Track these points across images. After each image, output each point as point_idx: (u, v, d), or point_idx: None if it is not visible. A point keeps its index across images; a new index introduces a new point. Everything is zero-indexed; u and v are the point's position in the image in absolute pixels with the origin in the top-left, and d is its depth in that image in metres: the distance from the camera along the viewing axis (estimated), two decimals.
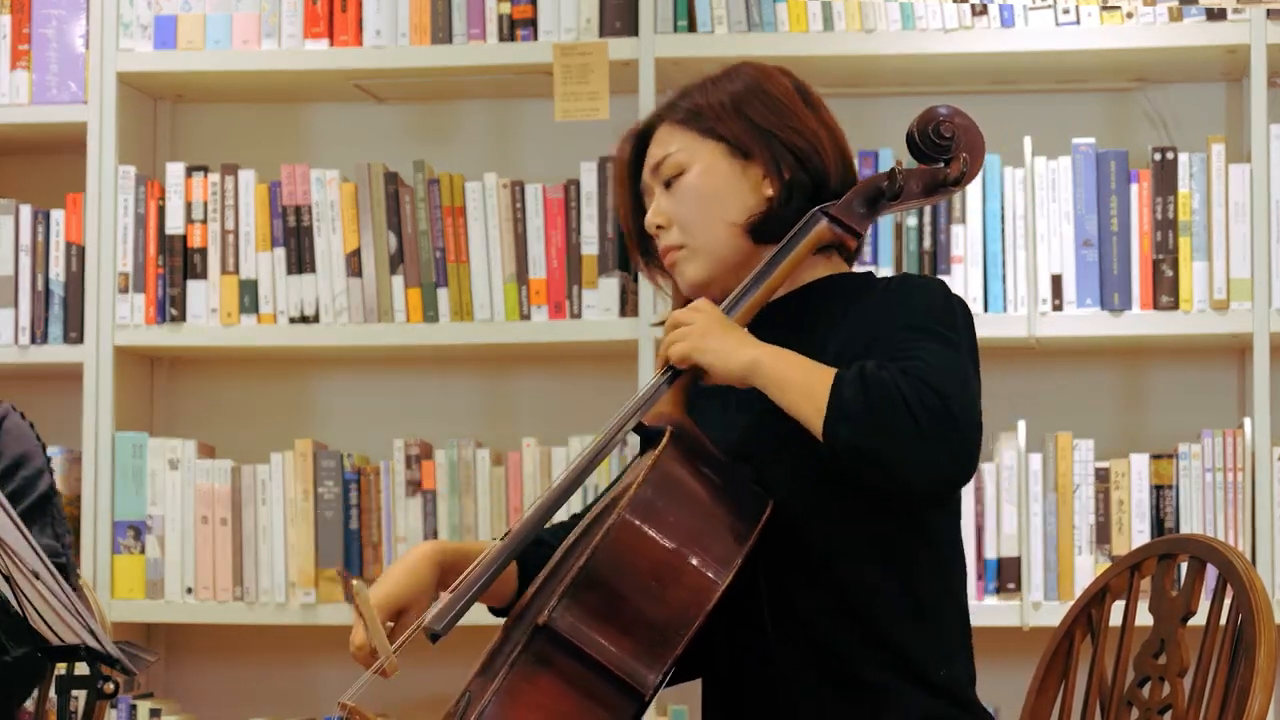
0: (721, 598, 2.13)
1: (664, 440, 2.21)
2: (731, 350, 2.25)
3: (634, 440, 2.34)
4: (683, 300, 2.44)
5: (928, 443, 2.13)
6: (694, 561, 2.13)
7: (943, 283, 2.35)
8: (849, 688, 2.25)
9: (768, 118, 2.38)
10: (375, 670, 2.28)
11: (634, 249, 2.50)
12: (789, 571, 2.26)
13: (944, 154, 2.37)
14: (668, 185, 2.41)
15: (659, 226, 2.41)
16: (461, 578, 2.23)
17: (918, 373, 2.15)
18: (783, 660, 2.26)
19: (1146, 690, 2.40)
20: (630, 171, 2.47)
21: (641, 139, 2.46)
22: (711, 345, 2.26)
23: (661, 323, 2.51)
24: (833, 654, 2.26)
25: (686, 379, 2.30)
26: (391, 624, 2.35)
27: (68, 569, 2.96)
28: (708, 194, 2.38)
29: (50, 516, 2.99)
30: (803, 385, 2.19)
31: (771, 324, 2.36)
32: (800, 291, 2.41)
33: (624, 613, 2.11)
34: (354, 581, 2.32)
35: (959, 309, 2.31)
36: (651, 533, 2.13)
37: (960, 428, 2.15)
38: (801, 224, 2.36)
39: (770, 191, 2.37)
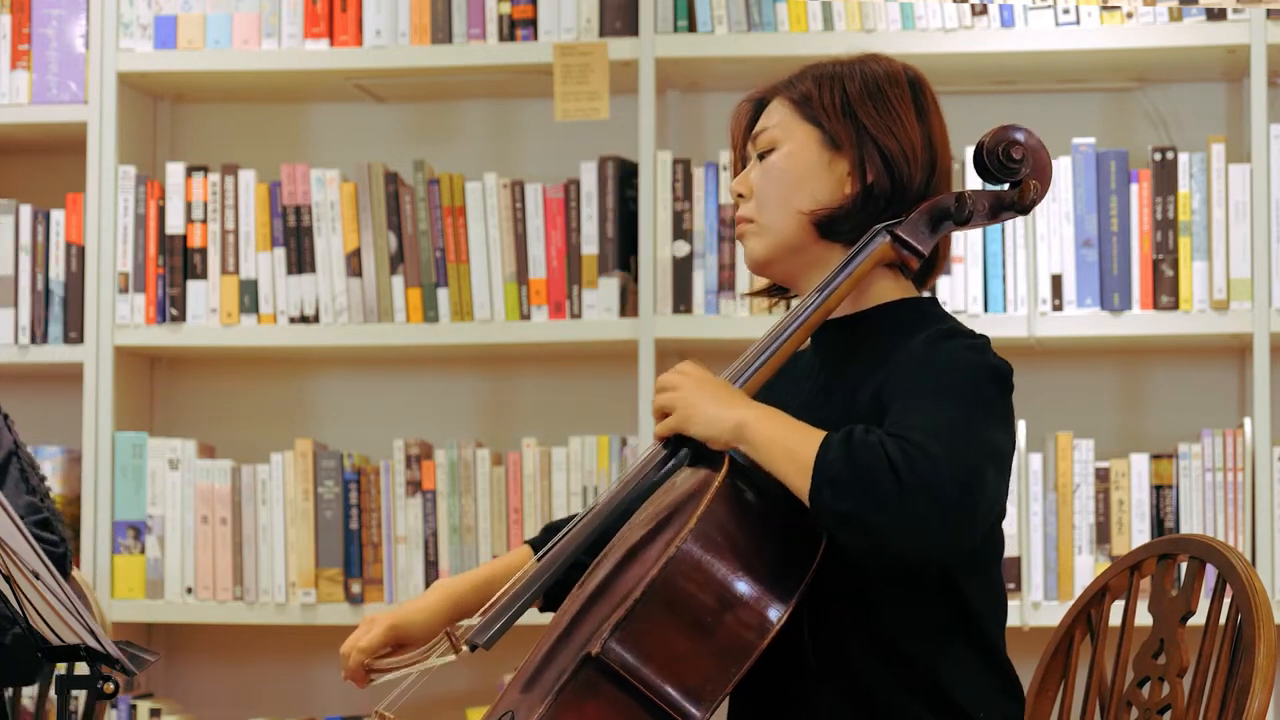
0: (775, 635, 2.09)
1: (723, 469, 2.15)
2: (718, 415, 2.19)
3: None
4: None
5: (910, 503, 2.04)
6: (752, 598, 2.08)
7: (981, 349, 2.26)
8: None
9: (866, 109, 2.35)
10: (405, 688, 2.30)
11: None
12: (833, 607, 2.21)
13: (1011, 176, 2.32)
14: (761, 158, 2.40)
15: (739, 195, 2.41)
16: (500, 594, 2.21)
17: (907, 433, 2.08)
18: (821, 695, 2.23)
19: (1146, 690, 2.40)
20: (743, 137, 2.46)
21: (759, 106, 2.45)
22: (698, 415, 2.21)
23: (754, 293, 2.50)
24: (872, 693, 2.22)
25: (687, 455, 2.23)
26: (389, 649, 2.44)
27: (53, 523, 2.94)
28: (789, 177, 2.36)
29: (21, 472, 2.96)
30: (787, 449, 2.13)
31: (831, 343, 2.34)
32: (861, 316, 2.36)
33: (677, 648, 2.06)
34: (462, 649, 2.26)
35: (985, 376, 2.22)
36: (710, 567, 2.08)
37: (946, 486, 2.05)
38: (864, 241, 2.32)
39: (849, 190, 2.34)
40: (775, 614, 2.09)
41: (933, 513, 2.06)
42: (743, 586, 2.08)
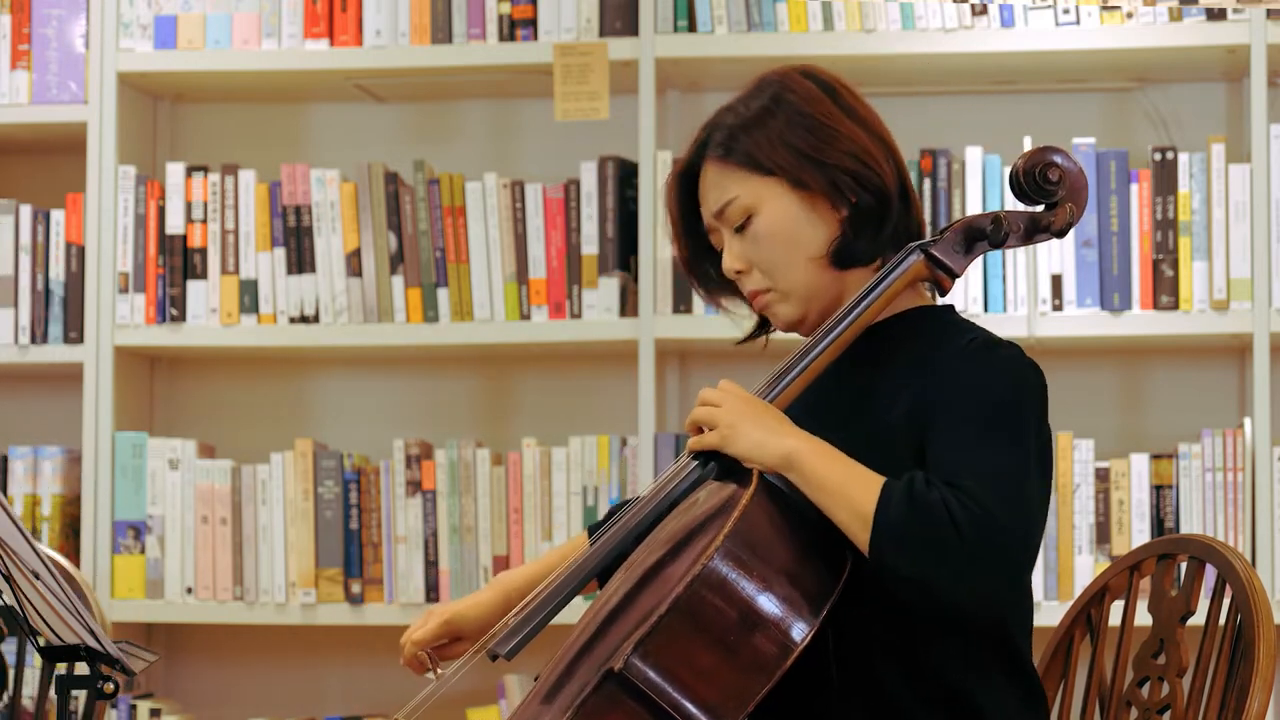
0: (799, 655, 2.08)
1: (752, 485, 2.13)
2: (763, 441, 2.18)
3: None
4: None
5: (975, 567, 2.07)
6: (777, 616, 2.06)
7: (1017, 359, 2.26)
8: None
9: (810, 142, 2.31)
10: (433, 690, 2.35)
11: (694, 283, 2.44)
12: (858, 623, 2.19)
13: (1047, 198, 2.30)
14: (739, 230, 2.34)
15: (738, 271, 2.35)
16: (525, 603, 2.21)
17: (964, 484, 2.09)
18: (845, 713, 2.21)
19: (1146, 690, 2.40)
20: (680, 211, 2.40)
21: (688, 177, 2.39)
22: (741, 437, 2.19)
23: (744, 340, 2.46)
24: (897, 708, 2.21)
25: (714, 469, 2.23)
26: (446, 640, 2.50)
27: None
28: (784, 237, 2.32)
29: None
30: (844, 492, 2.13)
31: (851, 354, 2.30)
32: (886, 324, 2.34)
33: (700, 665, 2.04)
34: (438, 670, 2.37)
35: (1030, 392, 2.24)
36: (736, 585, 2.06)
37: (1009, 548, 2.09)
38: (898, 259, 2.30)
39: (840, 215, 2.31)
40: (800, 632, 2.07)
41: (996, 573, 2.09)
42: (768, 605, 2.07)
